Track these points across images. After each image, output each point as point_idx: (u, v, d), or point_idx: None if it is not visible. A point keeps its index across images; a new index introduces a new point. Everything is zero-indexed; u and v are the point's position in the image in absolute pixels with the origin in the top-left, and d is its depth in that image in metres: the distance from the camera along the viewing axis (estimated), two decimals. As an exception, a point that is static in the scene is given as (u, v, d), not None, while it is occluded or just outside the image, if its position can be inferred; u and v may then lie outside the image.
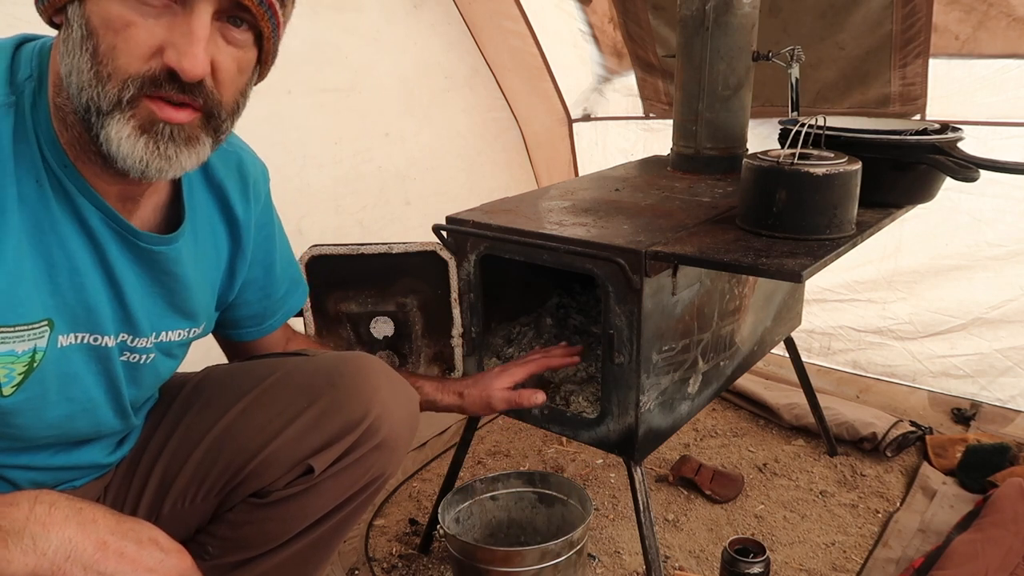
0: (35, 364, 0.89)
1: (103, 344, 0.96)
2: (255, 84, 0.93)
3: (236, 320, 1.22)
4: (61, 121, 0.85)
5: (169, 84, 0.79)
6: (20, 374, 0.89)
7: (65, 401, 0.94)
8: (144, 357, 1.02)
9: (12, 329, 0.85)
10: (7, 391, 0.88)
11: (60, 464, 1.01)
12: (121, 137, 0.80)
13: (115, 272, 0.94)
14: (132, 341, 1.00)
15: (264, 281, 1.21)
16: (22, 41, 0.89)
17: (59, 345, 0.91)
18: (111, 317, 0.95)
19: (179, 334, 1.07)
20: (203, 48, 0.78)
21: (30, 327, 0.87)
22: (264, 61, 0.91)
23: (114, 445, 1.09)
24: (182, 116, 0.82)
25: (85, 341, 0.94)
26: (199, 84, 0.81)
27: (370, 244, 1.43)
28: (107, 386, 0.99)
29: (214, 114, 0.85)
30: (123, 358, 1.00)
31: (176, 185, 1.01)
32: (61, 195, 0.86)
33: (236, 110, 0.89)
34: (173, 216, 1.01)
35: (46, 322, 0.88)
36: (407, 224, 2.53)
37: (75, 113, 0.82)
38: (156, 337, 1.03)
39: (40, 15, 0.84)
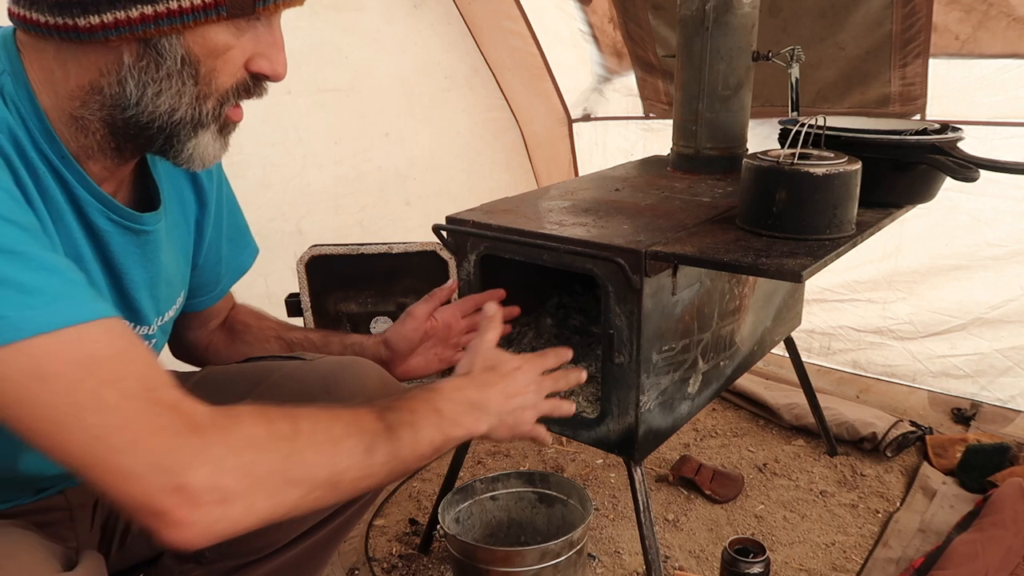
0: None
1: None
2: None
3: (193, 288, 1.19)
4: (72, 126, 0.84)
5: (253, 88, 0.88)
6: None
7: None
8: (149, 343, 1.03)
9: None
10: None
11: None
12: (208, 142, 0.87)
13: (114, 262, 0.94)
14: (137, 329, 1.00)
15: (217, 241, 1.19)
16: None
17: None
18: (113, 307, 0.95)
19: (174, 309, 1.08)
20: (285, 53, 0.87)
21: None
22: None
23: None
24: (241, 114, 0.90)
25: None
26: None
27: (370, 244, 1.43)
28: None
29: None
30: None
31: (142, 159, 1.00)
32: (61, 185, 0.86)
33: None
34: (141, 188, 1.01)
35: None
36: (407, 224, 2.53)
37: (132, 124, 0.84)
38: (161, 320, 1.05)
39: (82, 32, 0.78)
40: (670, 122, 1.88)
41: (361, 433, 0.82)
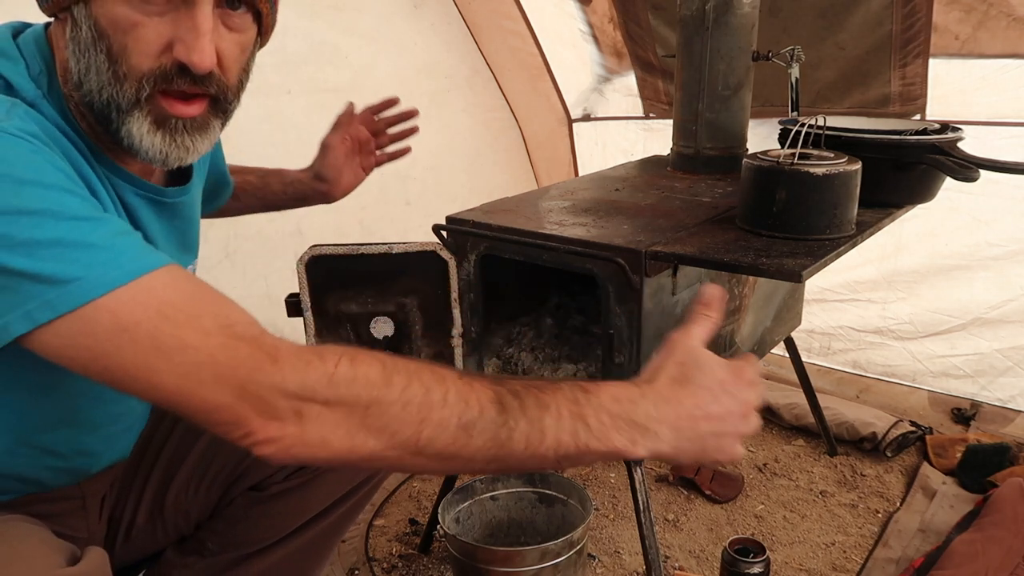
0: None
1: None
2: (257, 51, 0.96)
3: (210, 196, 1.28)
4: (76, 111, 0.87)
5: (180, 78, 0.83)
6: None
7: None
8: None
9: None
10: None
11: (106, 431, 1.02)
12: (142, 133, 0.84)
13: (148, 237, 0.96)
14: None
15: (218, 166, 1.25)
16: (15, 32, 0.89)
17: None
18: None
19: (191, 269, 1.12)
20: (208, 40, 0.81)
21: None
22: (264, 32, 0.93)
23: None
24: (192, 110, 0.86)
25: None
26: (208, 75, 0.84)
27: (370, 244, 1.42)
28: None
29: (222, 98, 0.89)
30: None
31: None
32: (101, 174, 0.89)
33: (241, 87, 0.93)
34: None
35: None
36: (407, 224, 2.53)
37: (89, 106, 0.85)
38: None
39: (42, 10, 0.86)
40: (670, 122, 1.88)
41: (466, 408, 0.73)
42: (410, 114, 1.47)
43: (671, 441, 0.77)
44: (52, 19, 0.87)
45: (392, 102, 1.47)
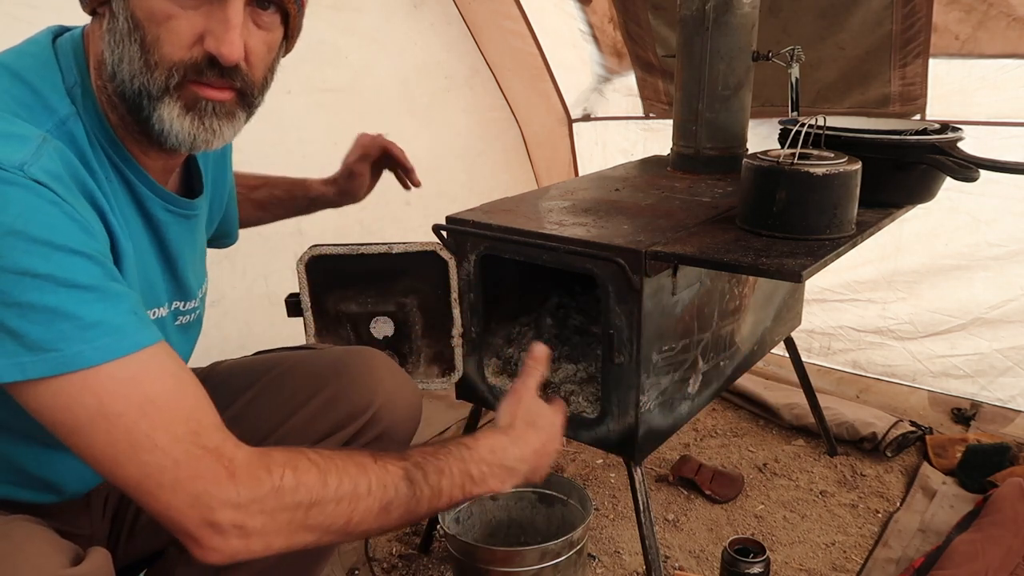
0: None
1: (159, 316, 1.01)
2: (282, 58, 0.99)
3: (219, 236, 1.34)
4: (107, 104, 0.90)
5: (210, 70, 0.86)
6: None
7: None
8: (192, 316, 1.10)
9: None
10: None
11: None
12: (172, 117, 0.87)
13: (169, 249, 1.01)
14: (184, 305, 1.07)
15: (222, 199, 1.27)
16: (54, 37, 0.92)
17: None
18: (164, 289, 1.02)
19: (207, 279, 1.16)
20: (238, 34, 0.85)
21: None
22: (290, 36, 0.97)
23: None
24: (222, 95, 0.90)
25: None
26: (235, 68, 0.87)
27: (370, 244, 1.42)
28: None
29: (247, 92, 0.92)
30: (176, 323, 1.06)
31: None
32: (125, 185, 0.93)
33: (265, 85, 0.96)
34: (185, 174, 1.09)
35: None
36: (407, 224, 2.53)
37: (121, 96, 0.88)
38: (201, 292, 1.12)
39: (83, 8, 0.90)
40: (670, 122, 1.88)
41: (384, 492, 0.86)
42: (414, 181, 1.54)
43: (526, 473, 1.00)
44: (91, 16, 0.91)
45: (409, 171, 1.54)
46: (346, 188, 1.49)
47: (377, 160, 1.51)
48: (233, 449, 0.81)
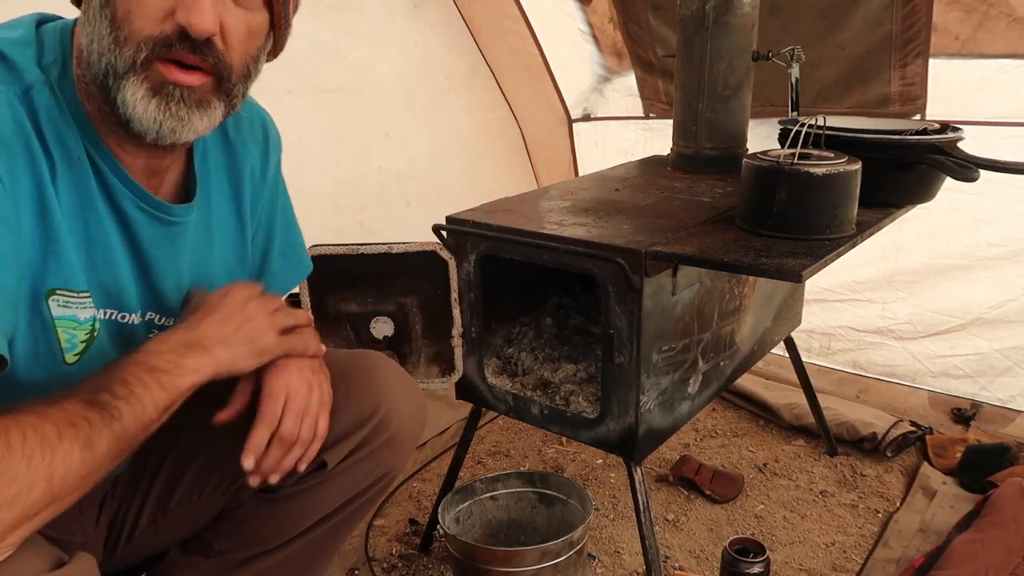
0: (95, 334, 0.92)
1: (130, 321, 0.98)
2: (271, 57, 0.95)
3: None
4: (84, 93, 0.87)
5: (180, 44, 0.82)
6: (82, 342, 0.91)
7: None
8: None
9: (75, 294, 0.89)
10: (70, 359, 0.91)
11: None
12: (136, 99, 0.83)
13: (143, 252, 0.96)
14: (160, 320, 1.02)
15: (265, 246, 1.20)
16: (40, 21, 0.90)
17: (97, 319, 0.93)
18: (136, 295, 0.98)
19: None
20: (210, 4, 0.81)
21: (79, 295, 0.89)
22: (277, 25, 0.92)
23: None
24: (191, 79, 0.85)
25: (113, 317, 0.96)
26: (208, 44, 0.83)
27: (370, 244, 1.42)
28: None
29: (224, 77, 0.87)
30: (151, 335, 1.01)
31: (191, 153, 1.03)
32: (96, 174, 0.89)
33: (247, 75, 0.91)
34: (185, 184, 1.04)
35: (87, 294, 0.91)
36: (407, 224, 2.53)
37: (95, 81, 0.85)
38: None
39: (71, 1, 0.88)
40: (670, 122, 1.88)
41: (75, 428, 0.76)
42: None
43: (221, 346, 0.92)
44: (78, 8, 0.88)
45: None
46: None
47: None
48: None
